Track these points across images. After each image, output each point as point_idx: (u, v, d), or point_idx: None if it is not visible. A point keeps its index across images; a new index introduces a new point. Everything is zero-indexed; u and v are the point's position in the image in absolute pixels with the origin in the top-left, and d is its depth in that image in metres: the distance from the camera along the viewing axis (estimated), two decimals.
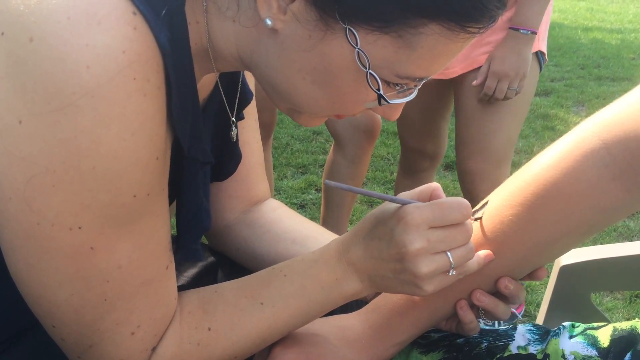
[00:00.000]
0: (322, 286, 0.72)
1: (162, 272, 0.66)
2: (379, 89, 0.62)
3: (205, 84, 0.77)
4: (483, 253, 0.74)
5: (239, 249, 0.95)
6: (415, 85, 0.66)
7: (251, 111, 0.91)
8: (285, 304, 0.72)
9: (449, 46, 0.60)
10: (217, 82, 0.77)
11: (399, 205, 0.70)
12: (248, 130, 0.92)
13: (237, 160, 0.87)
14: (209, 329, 0.70)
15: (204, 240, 1.03)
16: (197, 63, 0.66)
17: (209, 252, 1.00)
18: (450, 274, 0.69)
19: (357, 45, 0.59)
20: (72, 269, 0.58)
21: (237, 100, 0.82)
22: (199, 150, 0.69)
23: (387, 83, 0.63)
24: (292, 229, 0.94)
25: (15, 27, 0.52)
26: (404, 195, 0.72)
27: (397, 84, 0.63)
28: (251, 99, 0.88)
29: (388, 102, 0.64)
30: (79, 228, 0.57)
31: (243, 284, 0.74)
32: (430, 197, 0.72)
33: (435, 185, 0.73)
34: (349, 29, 0.58)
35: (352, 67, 0.61)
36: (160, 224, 0.64)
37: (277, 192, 2.97)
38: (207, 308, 0.71)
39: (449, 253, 0.68)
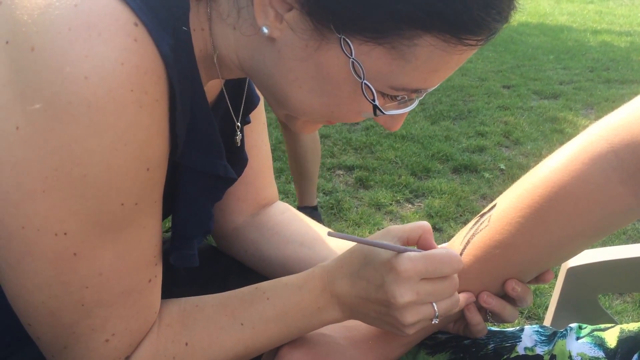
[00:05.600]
0: (304, 313, 0.73)
1: (144, 285, 0.66)
2: (374, 100, 0.62)
3: (211, 89, 0.77)
4: (463, 297, 0.75)
5: (247, 251, 0.95)
6: (417, 97, 0.66)
7: (259, 114, 0.92)
8: (265, 327, 0.72)
9: (445, 58, 0.59)
10: (222, 87, 0.78)
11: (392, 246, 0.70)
12: (256, 134, 0.92)
13: (243, 164, 0.88)
14: (186, 344, 0.70)
15: (212, 242, 1.03)
16: (202, 69, 0.67)
17: (218, 255, 1.01)
18: (433, 322, 0.70)
19: (351, 56, 0.59)
20: (52, 273, 0.59)
21: (242, 104, 0.83)
22: None
23: (383, 95, 0.63)
24: (301, 231, 0.94)
25: (18, 36, 0.53)
26: (393, 230, 0.73)
27: (394, 96, 0.63)
28: (258, 103, 0.89)
29: (383, 113, 0.64)
30: (65, 234, 0.57)
31: (225, 300, 0.74)
32: (420, 239, 0.73)
33: (426, 227, 0.73)
34: (344, 39, 0.58)
35: (348, 77, 0.61)
36: (147, 236, 0.64)
37: (285, 196, 2.98)
38: (187, 322, 0.71)
39: (434, 304, 0.69)
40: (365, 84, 0.61)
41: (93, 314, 0.62)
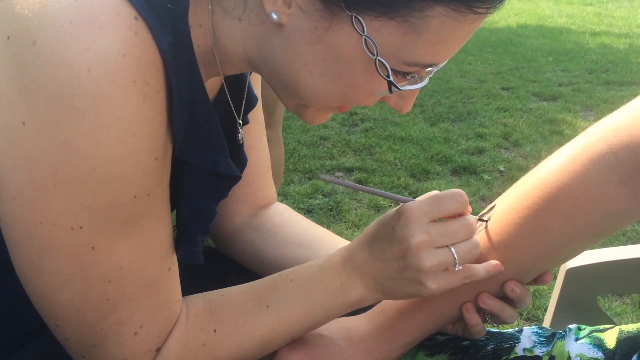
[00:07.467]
0: (327, 291, 0.73)
1: (165, 274, 0.66)
2: (388, 76, 0.62)
3: (210, 87, 0.77)
4: (492, 262, 0.74)
5: (246, 252, 0.95)
6: (426, 75, 0.66)
7: (257, 115, 0.92)
8: (290, 308, 0.73)
9: (456, 29, 0.60)
10: (222, 85, 0.78)
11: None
12: (254, 134, 0.92)
13: (242, 164, 0.88)
14: (215, 331, 0.70)
15: (211, 244, 1.03)
16: (201, 67, 0.67)
17: (217, 256, 1.00)
18: (456, 269, 0.69)
19: (363, 33, 0.59)
20: (74, 268, 0.59)
21: (243, 103, 0.82)
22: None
23: (396, 72, 0.63)
24: (299, 232, 0.94)
25: (19, 31, 0.53)
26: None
27: (406, 73, 0.63)
28: (256, 103, 0.88)
29: (399, 89, 0.63)
30: (80, 228, 0.57)
31: (250, 288, 0.75)
32: None
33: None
34: (355, 16, 0.58)
35: (360, 56, 0.61)
36: (160, 225, 0.64)
37: (284, 197, 2.98)
38: (214, 310, 0.72)
39: (452, 248, 0.69)
40: (379, 60, 0.61)
41: (118, 308, 0.63)
